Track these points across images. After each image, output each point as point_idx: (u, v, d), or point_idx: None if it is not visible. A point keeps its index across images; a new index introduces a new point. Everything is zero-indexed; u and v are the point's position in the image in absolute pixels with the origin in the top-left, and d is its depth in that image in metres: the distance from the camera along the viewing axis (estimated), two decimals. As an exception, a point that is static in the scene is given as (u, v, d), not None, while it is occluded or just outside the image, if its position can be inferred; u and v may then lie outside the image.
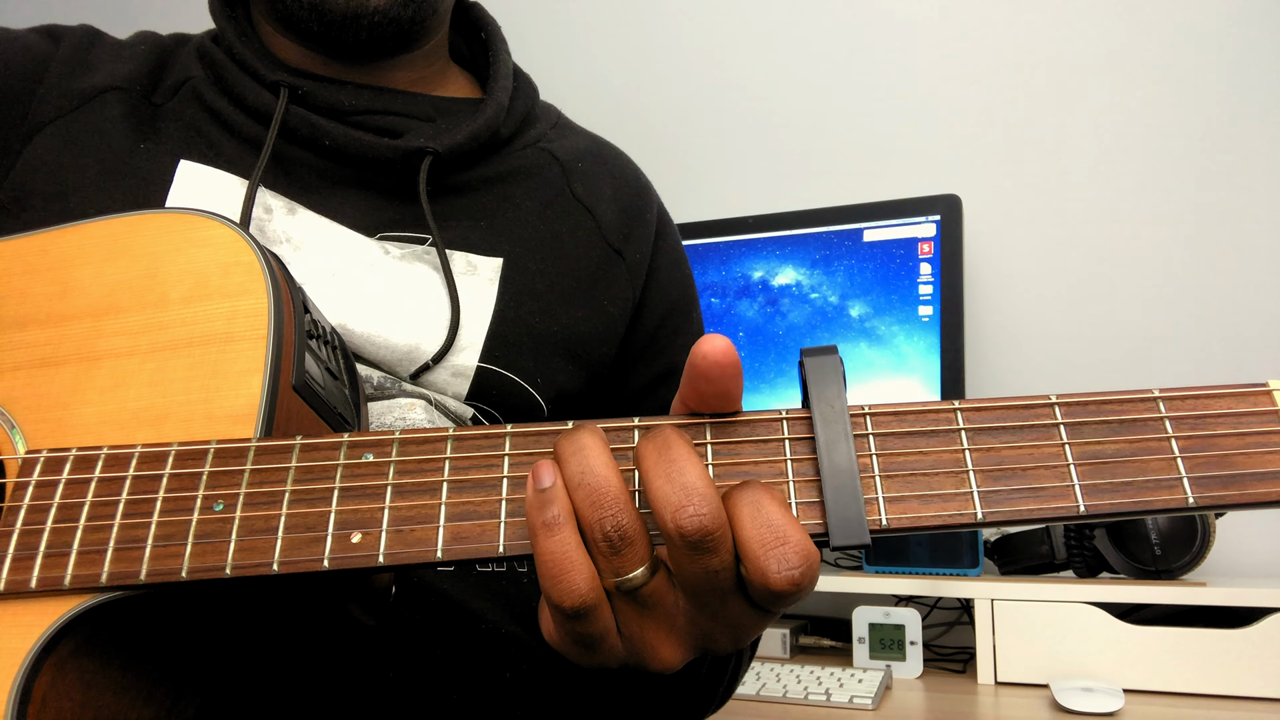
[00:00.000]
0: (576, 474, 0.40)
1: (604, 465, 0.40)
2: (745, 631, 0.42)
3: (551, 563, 0.39)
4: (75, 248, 0.53)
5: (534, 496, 0.40)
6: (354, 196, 0.70)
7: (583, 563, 0.39)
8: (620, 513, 0.39)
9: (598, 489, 0.39)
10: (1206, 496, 0.38)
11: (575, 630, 0.41)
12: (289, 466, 0.43)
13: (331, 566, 0.40)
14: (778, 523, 0.38)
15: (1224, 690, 1.04)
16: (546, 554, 0.39)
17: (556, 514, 0.39)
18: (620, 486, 0.40)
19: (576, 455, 0.40)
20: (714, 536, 0.38)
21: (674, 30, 1.77)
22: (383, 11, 0.69)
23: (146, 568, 0.42)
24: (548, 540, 0.39)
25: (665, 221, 0.84)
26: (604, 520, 0.39)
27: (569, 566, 0.39)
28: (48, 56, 0.70)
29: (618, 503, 0.39)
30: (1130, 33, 1.48)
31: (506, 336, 0.69)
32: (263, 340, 0.48)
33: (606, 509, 0.39)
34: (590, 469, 0.40)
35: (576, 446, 0.40)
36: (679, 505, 0.38)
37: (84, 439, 0.47)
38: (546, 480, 0.40)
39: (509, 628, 0.66)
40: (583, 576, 0.39)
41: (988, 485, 0.39)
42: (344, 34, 0.70)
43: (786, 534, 0.38)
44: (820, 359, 0.41)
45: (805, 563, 0.38)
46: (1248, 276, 1.39)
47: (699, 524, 0.38)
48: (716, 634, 0.42)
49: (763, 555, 0.38)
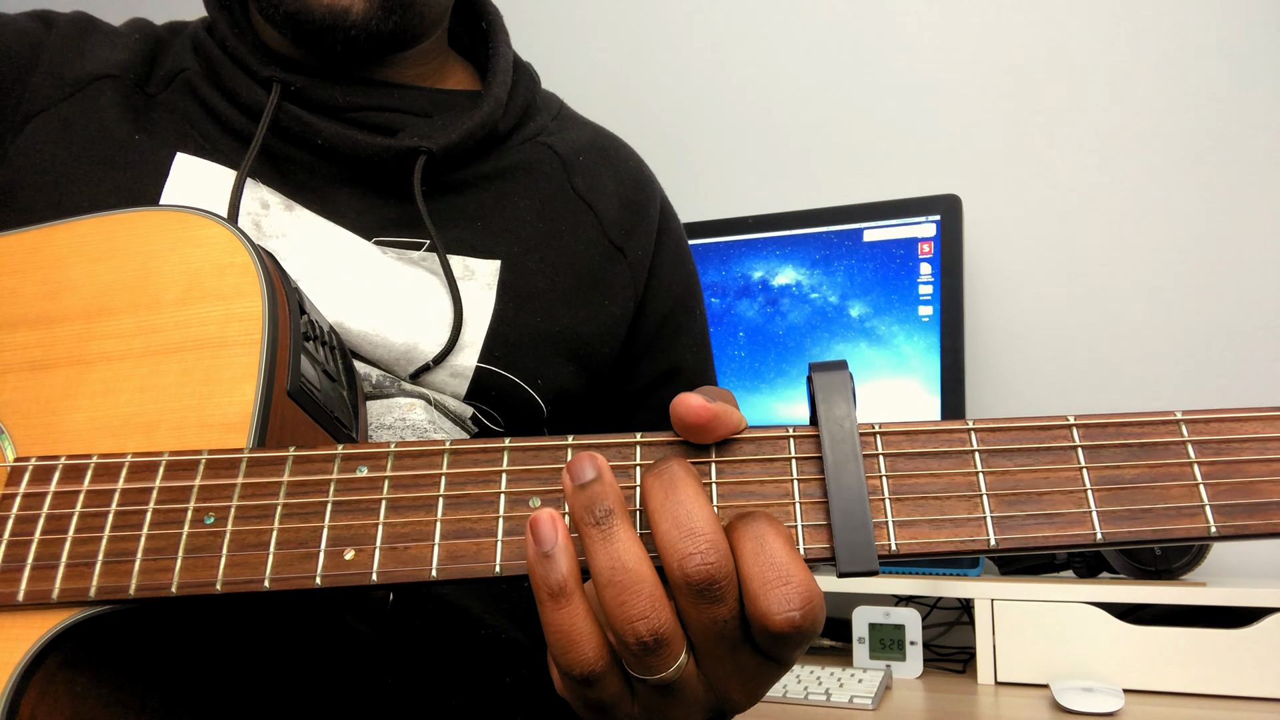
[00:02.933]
0: (606, 569, 0.37)
1: (637, 559, 0.37)
2: (758, 684, 0.41)
3: (560, 634, 0.37)
4: (67, 246, 0.52)
5: (537, 559, 0.38)
6: (349, 195, 0.69)
7: (591, 632, 0.37)
8: (656, 613, 0.36)
9: (630, 586, 0.36)
10: (1229, 526, 0.36)
11: (586, 695, 0.39)
12: (281, 480, 0.42)
13: (324, 584, 0.40)
14: (780, 560, 0.36)
15: (1224, 690, 1.04)
16: (555, 625, 0.37)
17: (563, 582, 0.37)
18: (656, 582, 0.37)
19: (608, 544, 0.37)
20: (720, 585, 0.37)
21: (674, 30, 1.75)
22: (360, 26, 0.66)
23: (136, 582, 0.41)
24: (556, 612, 0.37)
25: (669, 216, 0.82)
26: (638, 626, 0.36)
27: (578, 639, 0.37)
28: (41, 43, 0.69)
29: (654, 603, 0.36)
30: (1130, 33, 1.47)
31: (506, 337, 0.68)
32: (256, 345, 0.47)
33: (640, 611, 0.36)
34: (622, 564, 0.37)
35: (609, 534, 0.37)
36: (686, 552, 0.36)
37: (74, 446, 0.46)
38: (549, 539, 0.38)
39: (509, 633, 0.66)
40: (591, 647, 0.37)
41: (1001, 510, 0.38)
42: (319, 44, 0.67)
43: (789, 573, 0.36)
44: (829, 375, 0.40)
45: (806, 604, 0.36)
46: (1248, 277, 1.39)
47: (706, 572, 0.36)
48: (731, 690, 0.40)
49: (763, 594, 0.36)
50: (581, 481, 0.38)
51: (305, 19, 0.66)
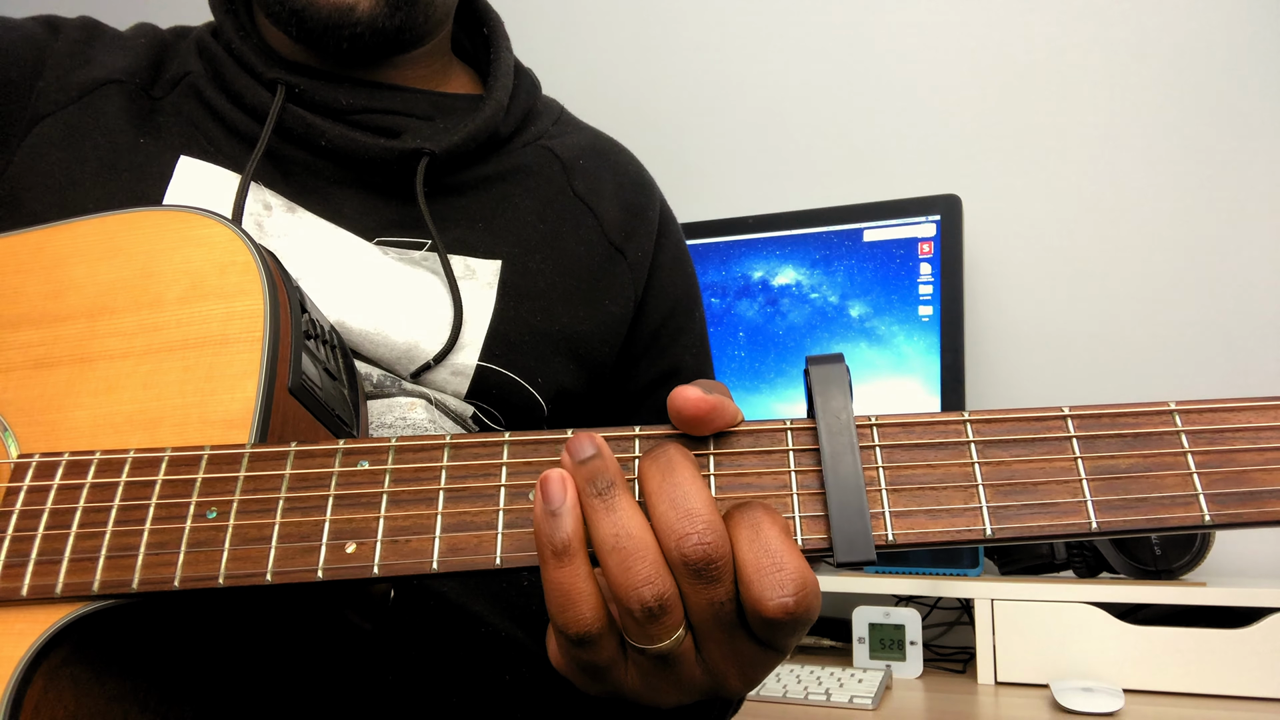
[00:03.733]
0: (610, 536, 0.38)
1: (640, 527, 0.38)
2: (754, 670, 0.41)
3: (560, 592, 0.38)
4: (70, 246, 0.53)
5: (543, 516, 0.38)
6: (352, 196, 0.69)
7: (590, 593, 0.38)
8: (660, 579, 0.37)
9: (634, 553, 0.37)
10: (1224, 514, 0.37)
11: (581, 657, 0.40)
12: (283, 474, 0.43)
13: (325, 577, 0.40)
14: (775, 548, 0.37)
15: (1224, 690, 1.04)
16: (555, 583, 0.38)
17: (568, 540, 0.38)
18: (658, 550, 0.38)
19: (611, 513, 0.38)
20: (717, 565, 0.37)
21: (674, 30, 1.76)
22: (365, 23, 0.67)
23: (139, 576, 0.41)
24: (557, 570, 0.38)
25: (668, 219, 0.83)
26: (642, 591, 0.37)
27: (578, 598, 0.38)
28: (47, 48, 0.70)
29: (657, 569, 0.37)
30: (1130, 33, 1.47)
31: (507, 336, 0.68)
32: (258, 343, 0.47)
33: (644, 576, 0.37)
34: (625, 530, 0.38)
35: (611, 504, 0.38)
36: (683, 532, 0.37)
37: (77, 443, 0.46)
38: (558, 498, 0.38)
39: (509, 631, 0.66)
40: (589, 607, 0.38)
41: (997, 500, 0.38)
42: (324, 41, 0.68)
43: (783, 560, 0.37)
44: (826, 368, 0.40)
45: (800, 590, 0.37)
46: (1248, 276, 1.39)
47: (703, 551, 0.37)
48: (728, 674, 0.41)
49: (757, 580, 0.37)
50: (582, 458, 0.39)
51: (311, 16, 0.66)
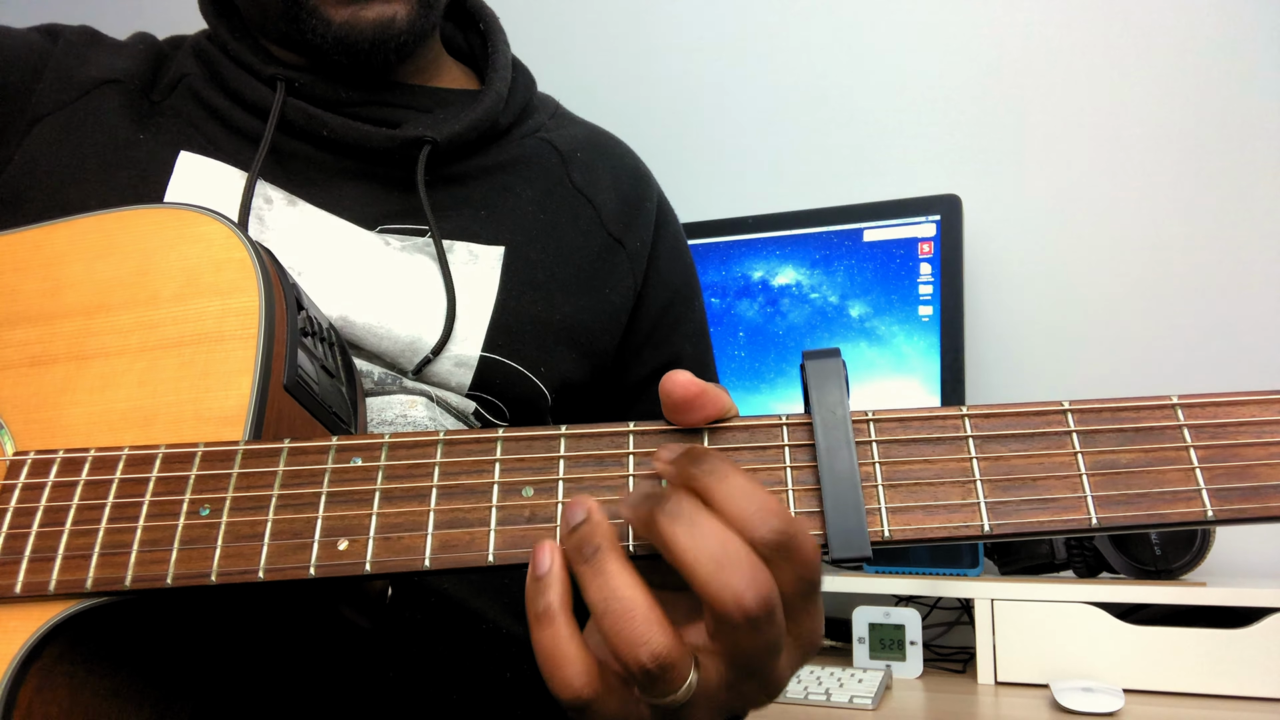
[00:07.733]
0: (600, 600, 0.36)
1: (627, 585, 0.36)
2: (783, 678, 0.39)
3: (545, 656, 0.37)
4: (67, 243, 0.53)
5: (530, 583, 0.37)
6: (353, 188, 0.70)
7: (576, 658, 0.36)
8: (654, 636, 0.35)
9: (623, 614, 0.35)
10: (1227, 510, 0.36)
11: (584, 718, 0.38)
12: (276, 471, 0.42)
13: (318, 574, 0.40)
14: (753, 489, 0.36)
15: (1224, 690, 1.04)
16: (539, 646, 0.37)
17: (548, 605, 0.37)
18: (650, 605, 0.36)
19: (598, 576, 0.36)
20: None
21: (673, 29, 1.76)
22: (406, 30, 0.68)
23: (132, 573, 0.41)
24: (539, 633, 0.37)
25: (666, 210, 0.83)
26: (639, 652, 0.35)
27: (561, 661, 0.36)
28: (47, 52, 0.70)
29: (649, 625, 0.35)
30: (1130, 33, 1.47)
31: (509, 325, 0.68)
32: (253, 340, 0.47)
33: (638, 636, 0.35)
34: (614, 593, 0.36)
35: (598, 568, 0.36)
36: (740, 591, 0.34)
37: (72, 440, 0.46)
38: (543, 565, 0.37)
39: (510, 627, 0.66)
40: (576, 672, 0.36)
41: (995, 496, 0.38)
42: (372, 58, 0.69)
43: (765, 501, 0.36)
44: (822, 362, 0.40)
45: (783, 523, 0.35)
46: (1248, 276, 1.38)
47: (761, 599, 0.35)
48: (753, 692, 0.39)
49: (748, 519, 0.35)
50: (572, 525, 0.38)
51: (356, 38, 0.67)
